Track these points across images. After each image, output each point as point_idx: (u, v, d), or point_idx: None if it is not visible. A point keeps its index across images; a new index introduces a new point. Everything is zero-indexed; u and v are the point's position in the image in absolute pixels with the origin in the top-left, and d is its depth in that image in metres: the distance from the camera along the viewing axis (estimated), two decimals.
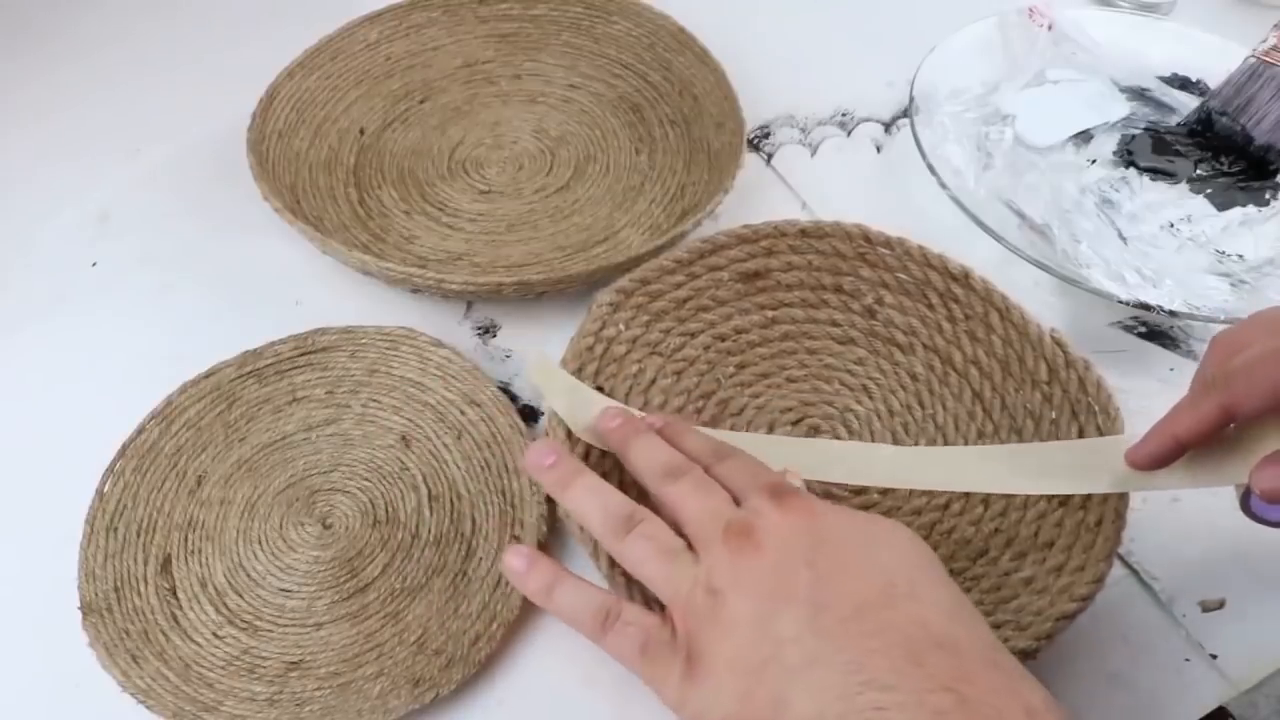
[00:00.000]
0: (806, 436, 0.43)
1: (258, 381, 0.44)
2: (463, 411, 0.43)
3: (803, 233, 0.45)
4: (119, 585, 0.38)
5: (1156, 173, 0.56)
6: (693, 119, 0.56)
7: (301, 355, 0.44)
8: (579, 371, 0.41)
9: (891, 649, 0.28)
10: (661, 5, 0.59)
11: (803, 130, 0.59)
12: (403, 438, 0.43)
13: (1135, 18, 0.65)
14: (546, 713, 0.37)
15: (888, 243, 0.44)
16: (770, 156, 0.57)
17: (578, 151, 0.56)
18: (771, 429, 0.43)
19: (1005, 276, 0.44)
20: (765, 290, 0.45)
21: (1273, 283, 0.49)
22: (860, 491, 0.41)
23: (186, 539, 0.39)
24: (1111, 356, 0.47)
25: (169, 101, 0.58)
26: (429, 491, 0.41)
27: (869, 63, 0.63)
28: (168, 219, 0.52)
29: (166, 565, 0.39)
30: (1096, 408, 0.39)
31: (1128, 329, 0.49)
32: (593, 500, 0.34)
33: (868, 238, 0.44)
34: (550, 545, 0.40)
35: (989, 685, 0.27)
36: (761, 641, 0.29)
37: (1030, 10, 0.61)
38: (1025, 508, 0.39)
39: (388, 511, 0.40)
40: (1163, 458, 0.36)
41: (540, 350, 0.41)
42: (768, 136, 0.58)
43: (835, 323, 0.45)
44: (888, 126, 0.59)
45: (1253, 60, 0.56)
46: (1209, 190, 0.55)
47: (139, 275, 0.49)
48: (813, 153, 0.58)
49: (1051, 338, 0.41)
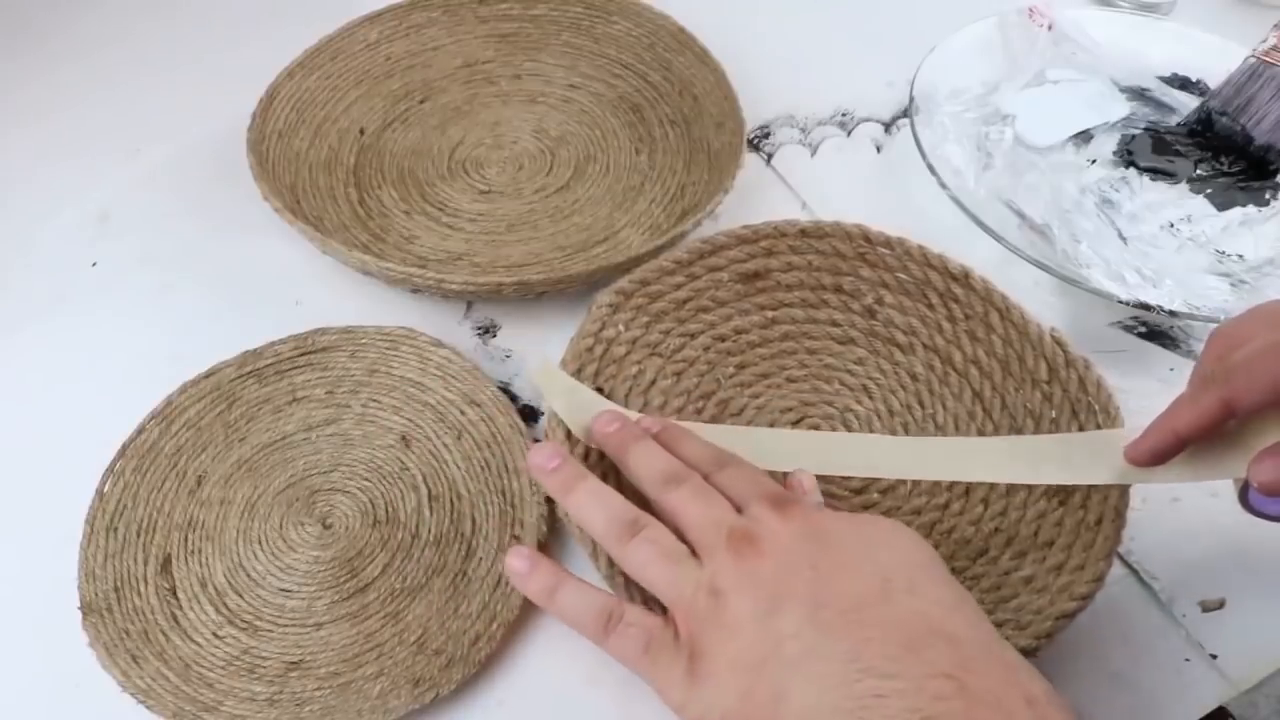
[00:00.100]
0: None
1: (258, 381, 0.44)
2: (463, 411, 0.43)
3: (803, 233, 0.45)
4: (119, 585, 0.38)
5: (1156, 173, 0.56)
6: (693, 119, 0.56)
7: (301, 355, 0.44)
8: (579, 372, 0.41)
9: (890, 639, 0.28)
10: (661, 5, 0.59)
11: (803, 130, 0.59)
12: (403, 438, 0.43)
13: (1135, 18, 0.65)
14: (547, 713, 0.37)
15: (888, 243, 0.44)
16: (770, 156, 0.57)
17: (578, 151, 0.56)
18: (772, 429, 0.43)
19: (1005, 276, 0.44)
20: (765, 290, 0.45)
21: (1273, 283, 0.49)
22: (860, 491, 0.41)
23: (186, 539, 0.39)
24: (1111, 356, 0.47)
25: (169, 101, 0.58)
26: (429, 491, 0.41)
27: (869, 63, 0.62)
28: (168, 219, 0.52)
29: (166, 565, 0.39)
30: (1097, 407, 0.40)
31: (1128, 329, 0.49)
32: (596, 505, 0.34)
33: (868, 238, 0.44)
34: (550, 546, 0.40)
35: (989, 674, 0.27)
36: (762, 639, 0.29)
37: (1030, 10, 0.61)
38: (1025, 507, 0.39)
39: (388, 511, 0.40)
40: (1163, 453, 0.36)
41: (544, 355, 0.41)
42: (768, 136, 0.58)
43: (835, 323, 0.45)
44: (888, 126, 0.59)
45: (1253, 60, 0.56)
46: (1209, 190, 0.55)
47: (139, 275, 0.49)
48: (813, 153, 0.58)
49: (1051, 337, 0.42)
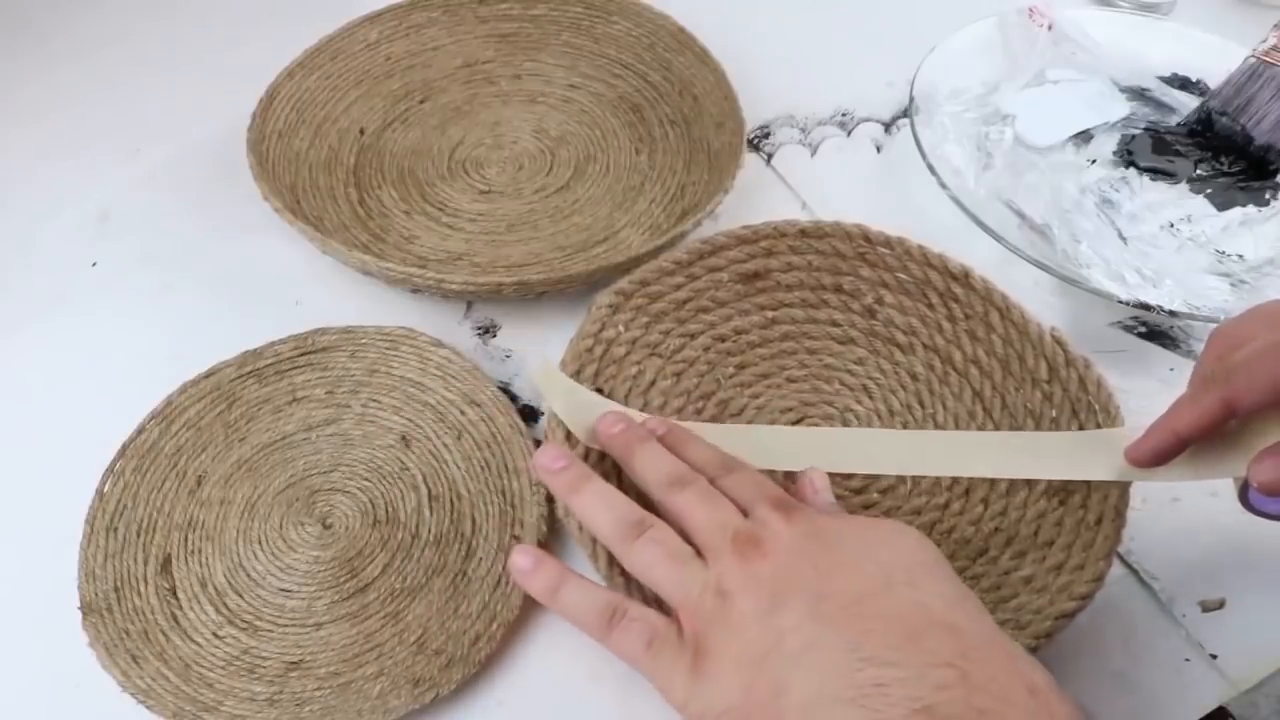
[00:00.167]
0: None
1: (258, 381, 0.44)
2: (463, 411, 0.43)
3: (802, 233, 0.45)
4: (119, 585, 0.38)
5: (1156, 173, 0.56)
6: (693, 119, 0.55)
7: (301, 355, 0.44)
8: (578, 373, 0.41)
9: (891, 630, 0.28)
10: (661, 5, 0.59)
11: (803, 130, 0.59)
12: (403, 438, 0.43)
13: (1135, 18, 0.65)
14: (547, 713, 0.37)
15: (888, 242, 0.44)
16: (770, 156, 0.57)
17: (578, 151, 0.56)
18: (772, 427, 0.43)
19: (1005, 276, 0.44)
20: (765, 291, 0.45)
21: (1273, 283, 0.49)
22: (860, 490, 0.41)
23: (186, 539, 0.39)
24: (1111, 356, 0.47)
25: (169, 101, 0.58)
26: (429, 491, 0.41)
27: (869, 63, 0.62)
28: (168, 219, 0.52)
29: (166, 565, 0.39)
30: (1097, 406, 0.40)
31: (1128, 329, 0.49)
32: (602, 505, 0.34)
33: (868, 237, 0.44)
34: (550, 546, 0.40)
35: (991, 663, 0.27)
36: (764, 635, 0.29)
37: (1030, 10, 0.61)
38: (1025, 506, 0.39)
39: (388, 511, 0.40)
40: (1164, 454, 0.36)
41: (544, 355, 0.41)
42: (768, 136, 0.58)
43: (835, 323, 0.45)
44: (888, 126, 0.59)
45: (1253, 60, 0.56)
46: (1209, 190, 0.55)
47: (139, 275, 0.49)
48: (813, 153, 0.58)
49: (1052, 336, 0.42)
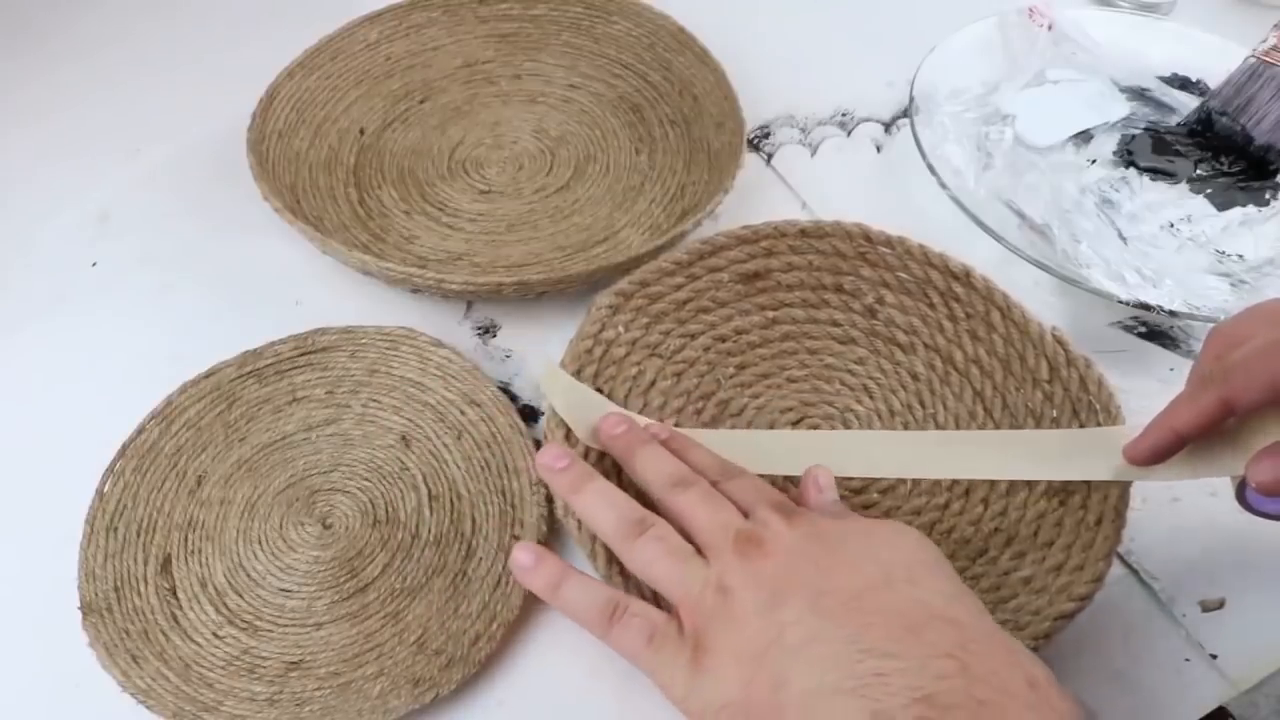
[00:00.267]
0: None
1: (258, 381, 0.44)
2: (463, 411, 0.43)
3: (803, 233, 0.45)
4: (119, 585, 0.38)
5: (1156, 173, 0.56)
6: (693, 119, 0.55)
7: (301, 355, 0.44)
8: (578, 374, 0.41)
9: (891, 623, 0.28)
10: (661, 5, 0.59)
11: (803, 130, 0.59)
12: (403, 438, 0.43)
13: (1135, 18, 0.65)
14: (547, 712, 0.37)
15: (888, 242, 0.44)
16: (770, 156, 0.57)
17: (578, 151, 0.56)
18: (772, 430, 0.43)
19: (1005, 276, 0.44)
20: (765, 291, 0.45)
21: (1273, 283, 0.49)
22: (860, 491, 0.41)
23: (186, 539, 0.39)
24: (1111, 356, 0.47)
25: (169, 101, 0.58)
26: (429, 491, 0.41)
27: (869, 63, 0.62)
28: (168, 219, 0.52)
29: (166, 565, 0.39)
30: (1097, 406, 0.40)
31: (1128, 329, 0.49)
32: (604, 504, 0.35)
33: (868, 237, 0.44)
34: (550, 545, 0.39)
35: (991, 655, 0.27)
36: (765, 629, 0.29)
37: (1030, 10, 0.61)
38: (1025, 507, 0.39)
39: (388, 511, 0.40)
40: (1162, 452, 0.36)
41: (545, 356, 0.41)
42: (768, 136, 0.58)
43: (836, 323, 0.45)
44: (888, 126, 0.59)
45: (1253, 60, 0.56)
46: (1209, 190, 0.55)
47: (139, 275, 0.49)
48: (813, 153, 0.58)
49: (1052, 336, 0.42)
